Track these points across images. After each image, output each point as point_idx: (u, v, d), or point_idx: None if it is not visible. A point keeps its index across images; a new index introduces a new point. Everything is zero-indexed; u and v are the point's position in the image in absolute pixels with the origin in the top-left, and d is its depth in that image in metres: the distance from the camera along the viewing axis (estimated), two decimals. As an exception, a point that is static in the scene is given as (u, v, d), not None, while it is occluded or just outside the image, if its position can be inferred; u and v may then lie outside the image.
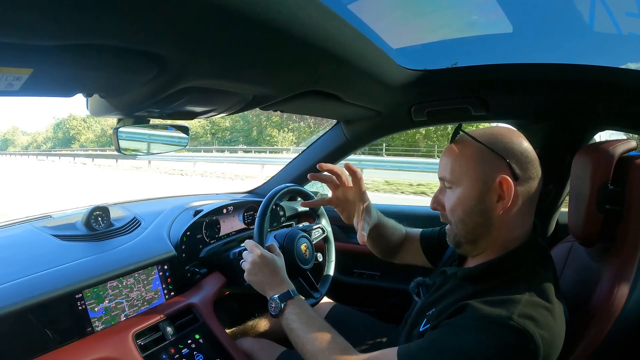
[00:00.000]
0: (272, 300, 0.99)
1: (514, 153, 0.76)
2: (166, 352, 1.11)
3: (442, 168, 0.84)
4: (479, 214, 0.79)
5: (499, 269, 0.78)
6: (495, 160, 0.76)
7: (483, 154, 0.77)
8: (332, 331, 0.91)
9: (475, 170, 0.78)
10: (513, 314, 0.66)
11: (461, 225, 0.82)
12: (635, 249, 0.85)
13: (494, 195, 0.77)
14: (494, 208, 0.77)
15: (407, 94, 1.35)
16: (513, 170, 0.75)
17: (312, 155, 1.89)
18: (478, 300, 0.72)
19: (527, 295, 0.70)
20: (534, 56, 1.20)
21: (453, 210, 0.82)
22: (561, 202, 1.39)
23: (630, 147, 0.91)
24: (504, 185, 0.75)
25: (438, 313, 0.81)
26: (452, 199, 0.82)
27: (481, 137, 0.78)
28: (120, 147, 0.95)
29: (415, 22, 1.27)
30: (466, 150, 0.80)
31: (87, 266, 1.07)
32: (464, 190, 0.80)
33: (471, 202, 0.79)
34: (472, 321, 0.70)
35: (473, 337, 0.68)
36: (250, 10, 0.56)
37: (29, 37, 0.48)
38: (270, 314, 1.00)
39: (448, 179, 0.82)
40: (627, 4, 1.05)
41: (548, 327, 0.68)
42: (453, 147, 0.82)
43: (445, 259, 1.07)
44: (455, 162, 0.81)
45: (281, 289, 1.01)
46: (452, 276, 0.89)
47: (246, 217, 1.72)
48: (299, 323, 0.93)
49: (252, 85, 0.94)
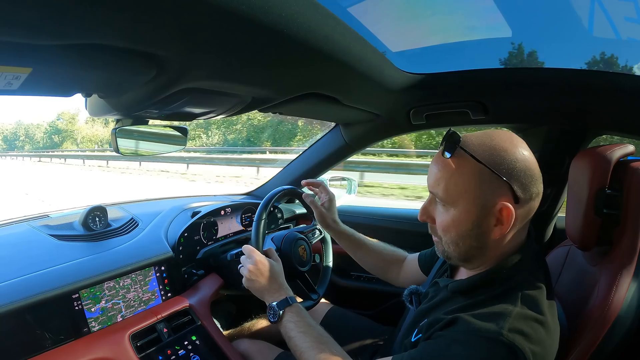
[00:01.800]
0: (271, 308, 0.99)
1: (518, 174, 0.70)
2: (162, 353, 1.10)
3: (434, 182, 0.77)
4: (473, 238, 0.75)
5: (490, 281, 0.76)
6: (497, 183, 0.70)
7: (483, 175, 0.71)
8: (330, 340, 0.91)
9: (474, 193, 0.72)
10: (503, 329, 0.65)
11: (454, 247, 0.78)
12: (632, 253, 0.85)
13: (491, 220, 0.72)
14: (491, 232, 0.73)
15: (406, 97, 1.35)
16: (515, 193, 0.70)
17: (310, 158, 1.89)
18: (469, 314, 0.71)
19: (518, 308, 0.69)
20: (533, 60, 1.21)
21: (445, 230, 0.78)
22: (559, 207, 1.40)
23: (628, 152, 0.91)
24: (504, 212, 0.70)
25: (429, 325, 0.79)
26: (446, 218, 0.77)
27: (482, 154, 0.71)
28: (119, 147, 0.95)
29: (415, 26, 1.27)
30: (464, 168, 0.72)
31: (84, 266, 1.07)
32: (459, 213, 0.74)
33: (466, 226, 0.74)
34: (463, 335, 0.68)
35: (463, 351, 0.67)
36: (250, 12, 0.56)
37: (28, 36, 0.48)
38: (269, 321, 1.00)
39: (441, 196, 0.76)
40: (626, 9, 1.06)
41: (539, 340, 0.67)
42: (446, 163, 0.74)
43: (436, 269, 1.06)
44: (450, 180, 0.74)
45: (279, 296, 1.01)
46: (444, 288, 0.87)
47: (244, 218, 1.72)
48: (297, 332, 0.93)
49: (252, 87, 0.94)
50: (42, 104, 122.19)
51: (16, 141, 72.01)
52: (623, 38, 1.13)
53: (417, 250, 1.25)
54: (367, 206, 2.11)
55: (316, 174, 1.92)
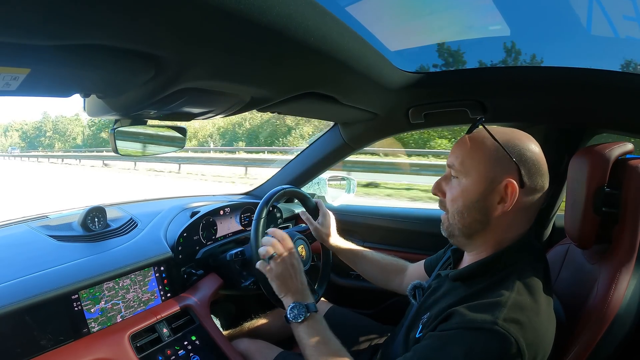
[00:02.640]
0: (294, 307, 0.99)
1: (527, 161, 0.77)
2: (162, 353, 1.11)
3: (453, 156, 0.84)
4: (478, 210, 0.80)
5: (489, 268, 0.80)
6: (507, 163, 0.77)
7: (497, 153, 0.78)
8: (346, 354, 0.92)
9: (485, 166, 0.79)
10: (498, 319, 0.67)
11: (459, 217, 0.83)
12: (631, 251, 0.86)
13: (496, 196, 0.78)
14: (494, 208, 0.79)
15: (405, 96, 1.35)
16: (521, 177, 0.76)
17: (309, 157, 1.89)
18: (464, 306, 0.73)
19: (514, 294, 0.71)
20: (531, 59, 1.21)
21: (454, 200, 0.84)
22: (558, 205, 1.40)
23: (626, 150, 0.91)
24: (509, 188, 0.76)
25: (431, 320, 0.81)
26: (456, 189, 0.83)
27: (499, 136, 0.78)
28: (118, 147, 0.95)
29: (413, 25, 1.27)
30: (481, 145, 0.80)
31: (83, 267, 1.07)
32: (469, 184, 0.81)
33: (473, 196, 0.80)
34: (457, 329, 0.70)
35: (459, 346, 0.68)
36: (248, 12, 0.56)
37: (26, 37, 0.48)
38: (286, 318, 1.00)
39: (457, 167, 0.83)
40: (625, 8, 1.06)
41: (534, 329, 0.68)
42: (467, 140, 0.82)
43: (441, 264, 1.08)
44: (468, 154, 0.81)
45: (303, 298, 1.02)
46: (445, 278, 0.90)
47: (243, 218, 1.72)
48: (314, 341, 0.94)
49: (250, 87, 0.94)
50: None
51: (41, 138, 63.40)
52: (621, 36, 1.13)
53: (418, 248, 1.26)
54: (367, 206, 2.11)
55: (315, 173, 1.92)
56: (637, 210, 0.86)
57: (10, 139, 71.21)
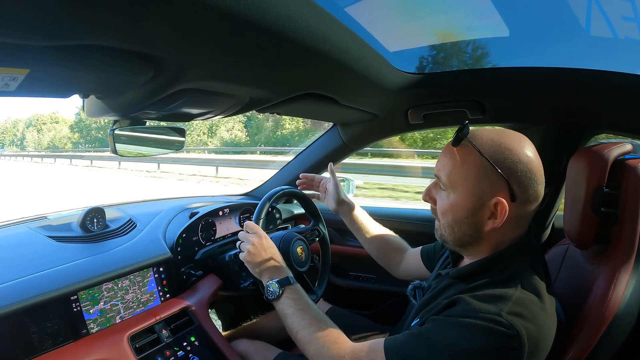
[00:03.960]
0: (270, 285, 0.99)
1: (518, 174, 0.72)
2: (161, 354, 1.10)
3: (440, 167, 0.81)
4: (468, 225, 0.78)
5: (489, 267, 0.79)
6: (496, 179, 0.73)
7: (485, 169, 0.74)
8: (327, 319, 0.92)
9: (473, 183, 0.75)
10: (502, 311, 0.67)
11: (449, 230, 0.82)
12: (630, 251, 0.86)
13: (486, 212, 0.75)
14: (484, 223, 0.77)
15: (404, 97, 1.35)
16: (512, 191, 0.73)
17: (308, 158, 1.89)
18: (469, 295, 0.73)
19: (519, 292, 0.71)
20: (530, 60, 1.21)
21: (443, 213, 0.82)
22: (557, 206, 1.40)
23: (625, 151, 0.92)
24: (499, 206, 0.73)
25: (429, 311, 0.81)
26: (445, 202, 0.81)
27: (487, 149, 0.74)
28: (117, 148, 0.94)
29: (412, 26, 1.27)
30: (468, 159, 0.76)
31: (82, 268, 1.07)
32: (457, 199, 0.78)
33: (462, 212, 0.78)
34: (461, 316, 0.70)
35: (459, 331, 0.68)
36: (247, 13, 0.56)
37: (25, 37, 0.48)
38: (266, 298, 1.00)
39: (443, 181, 0.80)
40: (624, 8, 1.06)
41: (537, 324, 0.68)
42: (454, 151, 0.78)
43: (441, 262, 1.08)
44: (454, 168, 0.78)
45: (280, 274, 1.01)
46: (446, 277, 0.89)
47: (242, 219, 1.72)
48: (295, 309, 0.94)
49: (249, 87, 0.94)
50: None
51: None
52: (620, 37, 1.13)
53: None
54: (367, 206, 2.11)
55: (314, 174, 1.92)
56: (636, 210, 0.86)
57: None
